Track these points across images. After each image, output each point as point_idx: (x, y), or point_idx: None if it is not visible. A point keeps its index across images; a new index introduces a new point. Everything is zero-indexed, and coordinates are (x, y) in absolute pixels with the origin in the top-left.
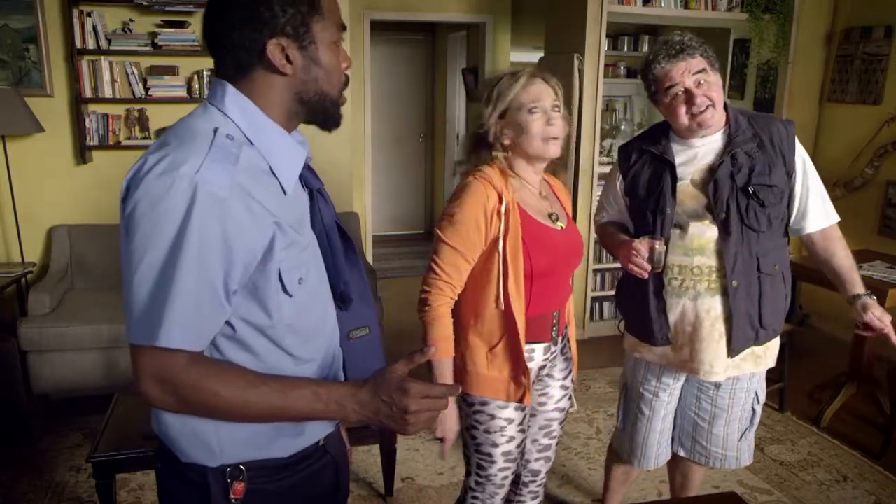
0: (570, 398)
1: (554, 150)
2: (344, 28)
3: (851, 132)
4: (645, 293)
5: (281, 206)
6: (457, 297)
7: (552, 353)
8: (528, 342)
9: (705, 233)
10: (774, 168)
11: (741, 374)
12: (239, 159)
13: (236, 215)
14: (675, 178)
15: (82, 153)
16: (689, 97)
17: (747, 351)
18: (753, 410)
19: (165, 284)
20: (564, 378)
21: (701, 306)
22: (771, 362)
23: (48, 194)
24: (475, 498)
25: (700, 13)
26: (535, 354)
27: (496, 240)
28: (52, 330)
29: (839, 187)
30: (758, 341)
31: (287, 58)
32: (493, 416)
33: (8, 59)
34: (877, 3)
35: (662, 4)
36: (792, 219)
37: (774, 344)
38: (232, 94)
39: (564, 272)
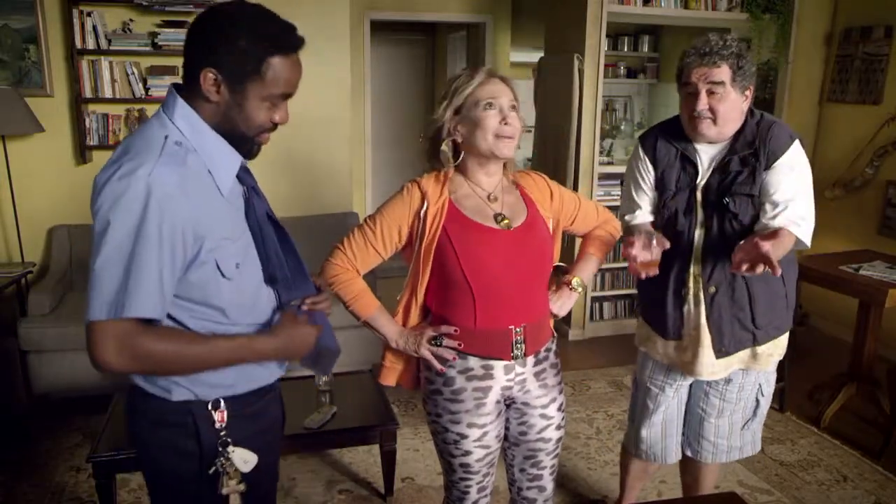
0: (558, 428)
1: (506, 149)
2: (288, 96)
3: (851, 132)
4: (664, 290)
5: (218, 202)
6: (357, 274)
7: (518, 376)
8: (483, 356)
9: (700, 239)
10: (757, 174)
11: (748, 368)
12: (186, 162)
13: (182, 207)
14: (696, 179)
15: (82, 153)
16: (695, 100)
17: (748, 350)
18: (757, 401)
19: (132, 265)
20: (545, 407)
21: (701, 312)
22: (778, 357)
23: (48, 194)
24: (447, 499)
25: (700, 13)
26: (496, 372)
27: (419, 241)
28: (52, 330)
29: (839, 187)
30: (756, 341)
31: (217, 89)
32: (446, 430)
33: (8, 59)
34: (877, 3)
35: (662, 4)
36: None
37: (781, 339)
38: (180, 106)
39: (521, 279)
